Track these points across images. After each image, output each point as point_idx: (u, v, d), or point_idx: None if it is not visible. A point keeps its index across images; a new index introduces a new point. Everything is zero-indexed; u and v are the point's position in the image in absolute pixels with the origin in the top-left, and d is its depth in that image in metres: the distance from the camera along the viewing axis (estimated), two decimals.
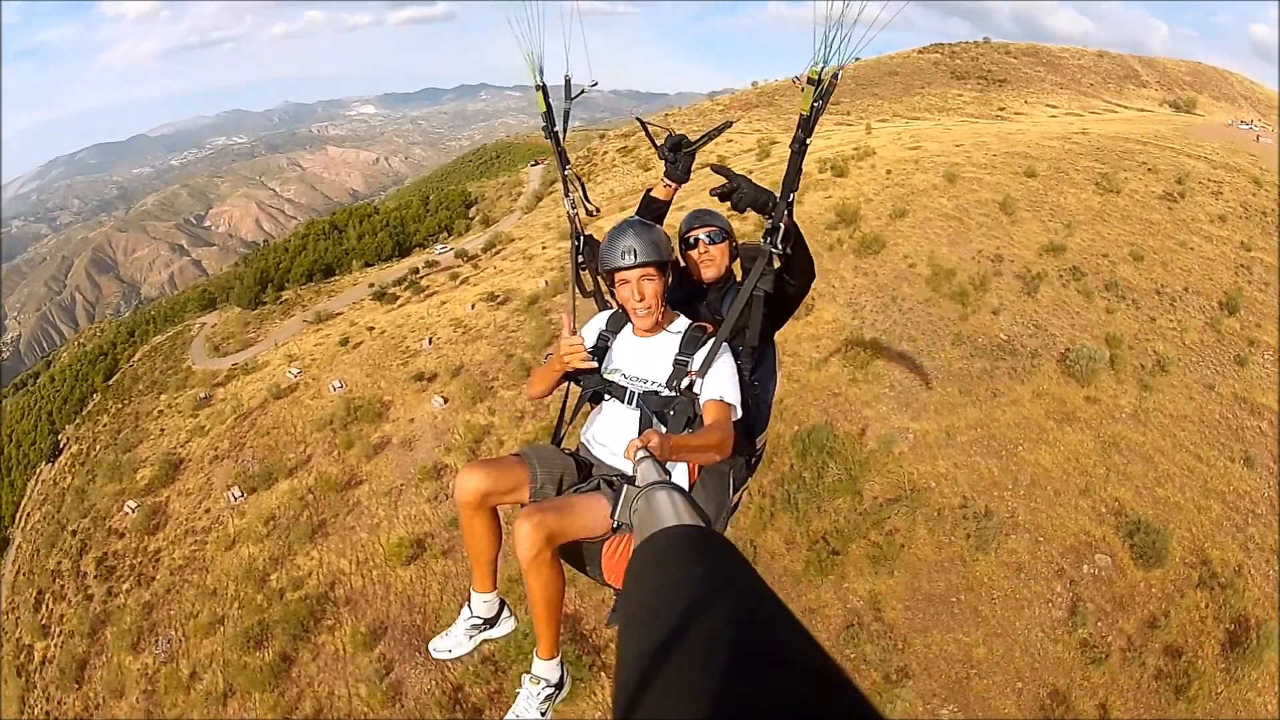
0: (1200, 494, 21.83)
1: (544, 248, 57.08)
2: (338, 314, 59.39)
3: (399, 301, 56.68)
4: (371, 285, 68.41)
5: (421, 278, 64.57)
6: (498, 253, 66.32)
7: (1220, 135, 59.04)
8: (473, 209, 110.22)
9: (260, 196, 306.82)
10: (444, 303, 48.97)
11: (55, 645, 28.79)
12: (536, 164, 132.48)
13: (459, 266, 65.26)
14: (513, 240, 70.12)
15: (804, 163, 3.39)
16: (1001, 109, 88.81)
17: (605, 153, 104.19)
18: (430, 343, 39.98)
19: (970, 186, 38.44)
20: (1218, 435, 23.90)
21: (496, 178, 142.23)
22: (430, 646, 3.86)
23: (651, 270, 3.52)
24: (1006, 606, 18.96)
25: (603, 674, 18.16)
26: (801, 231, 3.54)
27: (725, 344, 3.57)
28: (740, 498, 4.13)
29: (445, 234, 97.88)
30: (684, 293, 4.03)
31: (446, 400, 32.55)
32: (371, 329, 47.78)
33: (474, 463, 3.38)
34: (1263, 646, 17.86)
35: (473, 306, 43.88)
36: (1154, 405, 24.69)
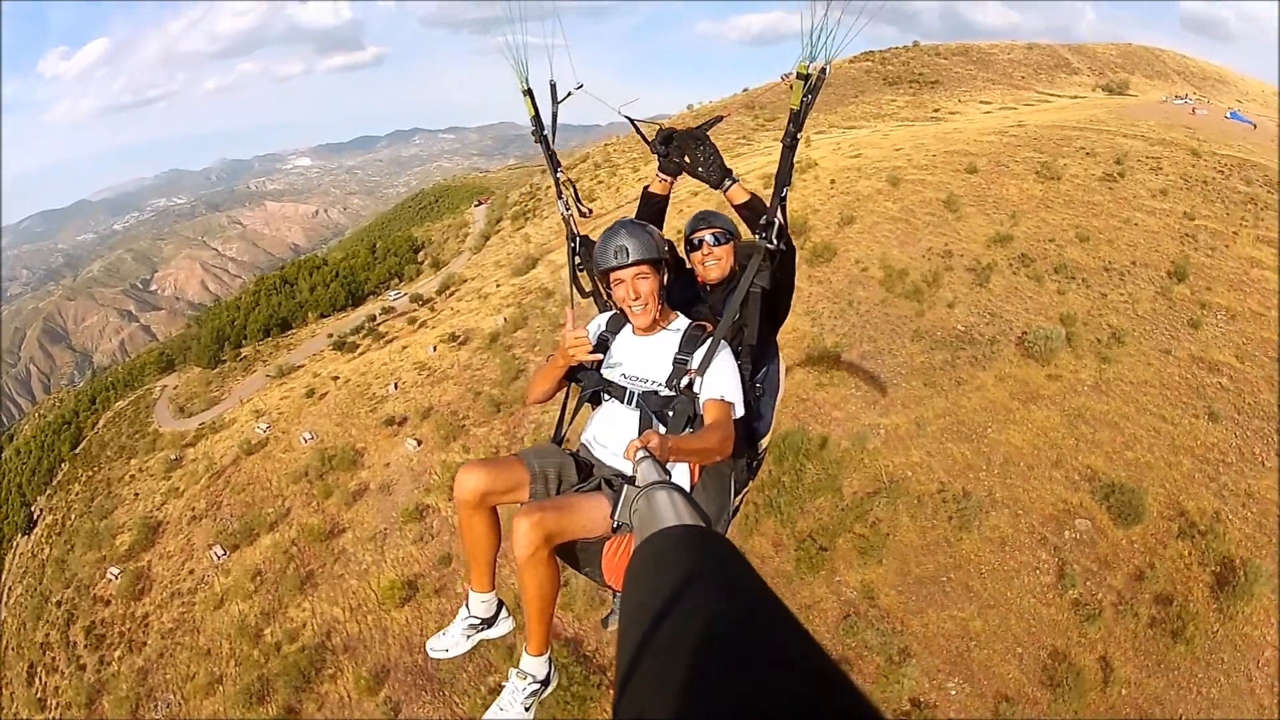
0: (1169, 451, 23.88)
1: (498, 285, 58.81)
2: (299, 366, 60.76)
3: (360, 350, 58.15)
4: (330, 335, 69.89)
5: (379, 324, 66.35)
6: (452, 294, 68.07)
7: (1155, 113, 62.85)
8: (421, 253, 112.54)
9: (203, 257, 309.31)
10: (405, 347, 50.64)
11: (54, 718, 29.32)
12: (479, 204, 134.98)
13: (415, 310, 67.01)
14: (465, 281, 71.94)
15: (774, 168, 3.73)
16: (936, 110, 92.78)
17: (548, 187, 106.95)
18: (396, 387, 41.70)
19: (914, 188, 41.01)
20: (1179, 395, 26.02)
21: (440, 220, 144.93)
22: (427, 646, 4.03)
23: (645, 268, 3.67)
24: (996, 579, 20.67)
25: (612, 691, 19.31)
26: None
27: (725, 342, 3.73)
28: (742, 500, 4.27)
29: (396, 280, 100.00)
30: (689, 294, 4.27)
31: (420, 442, 34.20)
32: (336, 379, 49.10)
33: (473, 462, 3.59)
34: (1252, 581, 19.83)
35: (434, 349, 45.79)
36: (1114, 375, 26.83)
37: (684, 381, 3.65)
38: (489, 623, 3.98)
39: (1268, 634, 19.33)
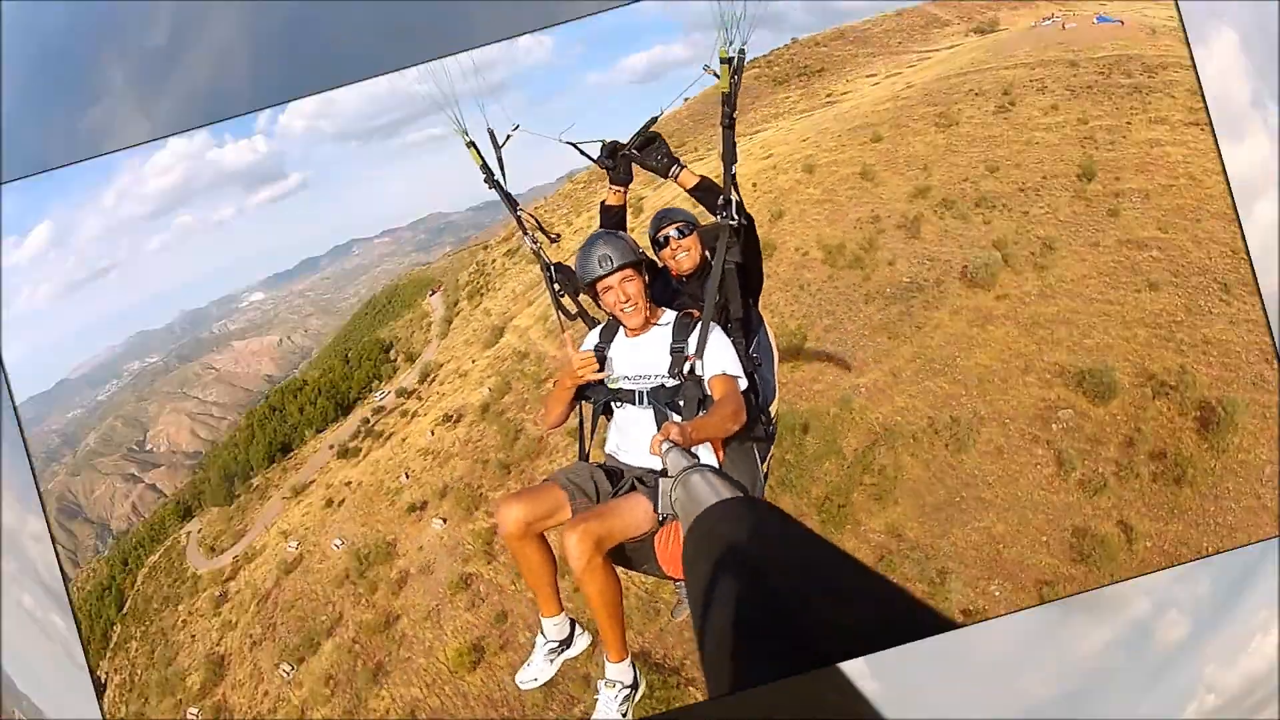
0: (1122, 328, 26.37)
1: (473, 361, 60.48)
2: (311, 482, 61.43)
3: (363, 452, 59.10)
4: (331, 446, 70.60)
5: (374, 425, 67.22)
6: (433, 380, 69.57)
7: (1028, 39, 65.85)
8: (391, 351, 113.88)
9: (188, 407, 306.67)
10: (405, 439, 52.04)
11: None
12: (434, 293, 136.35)
13: (404, 403, 68.26)
14: (441, 365, 73.51)
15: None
16: (829, 95, 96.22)
17: (494, 260, 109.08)
18: (408, 476, 43.13)
19: (829, 169, 43.63)
20: (1118, 277, 28.51)
21: (401, 318, 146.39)
22: (517, 679, 4.17)
23: (629, 271, 3.83)
24: (1003, 484, 22.79)
25: (690, 688, 20.86)
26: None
27: (714, 323, 3.88)
28: (769, 467, 4.44)
29: (377, 381, 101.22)
30: (668, 292, 4.42)
31: (445, 520, 35.80)
32: (348, 484, 50.18)
33: (509, 495, 3.74)
34: (1232, 413, 22.11)
35: (432, 433, 47.39)
36: (1054, 279, 29.38)
37: (686, 368, 3.77)
38: (566, 643, 4.12)
39: (1261, 454, 21.52)
